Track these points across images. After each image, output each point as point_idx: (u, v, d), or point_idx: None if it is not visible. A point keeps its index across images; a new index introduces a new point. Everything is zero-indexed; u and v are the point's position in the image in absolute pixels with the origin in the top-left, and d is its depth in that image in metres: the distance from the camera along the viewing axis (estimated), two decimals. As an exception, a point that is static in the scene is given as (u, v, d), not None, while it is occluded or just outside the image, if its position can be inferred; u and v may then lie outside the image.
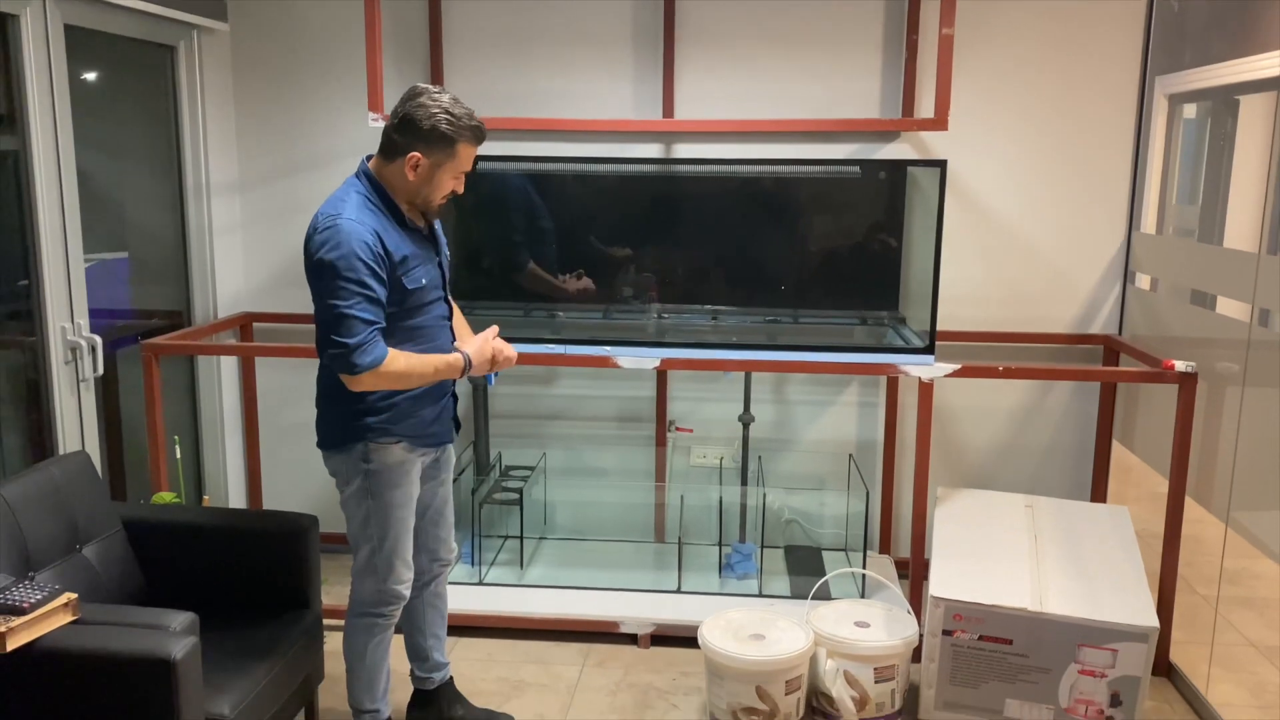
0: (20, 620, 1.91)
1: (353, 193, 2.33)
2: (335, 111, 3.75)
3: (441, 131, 2.28)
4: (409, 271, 2.34)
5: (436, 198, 2.39)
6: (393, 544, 2.49)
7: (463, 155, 2.34)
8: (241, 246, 3.87)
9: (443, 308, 2.51)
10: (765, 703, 2.77)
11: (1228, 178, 3.40)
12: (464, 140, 2.32)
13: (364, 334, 2.22)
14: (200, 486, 3.82)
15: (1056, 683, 2.78)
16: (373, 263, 2.24)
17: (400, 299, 2.35)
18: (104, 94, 3.38)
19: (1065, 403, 3.75)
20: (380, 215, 2.32)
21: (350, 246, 2.21)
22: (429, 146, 2.30)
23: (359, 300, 2.22)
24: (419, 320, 2.41)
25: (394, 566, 2.51)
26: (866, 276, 3.45)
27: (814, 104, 3.61)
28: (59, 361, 2.93)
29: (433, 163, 2.32)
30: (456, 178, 2.38)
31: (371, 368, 2.23)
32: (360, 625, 2.56)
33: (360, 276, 2.22)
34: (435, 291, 2.46)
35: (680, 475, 3.88)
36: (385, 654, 2.60)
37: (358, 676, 2.59)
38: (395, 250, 2.31)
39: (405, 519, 2.50)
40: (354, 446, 2.41)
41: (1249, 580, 3.20)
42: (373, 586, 2.52)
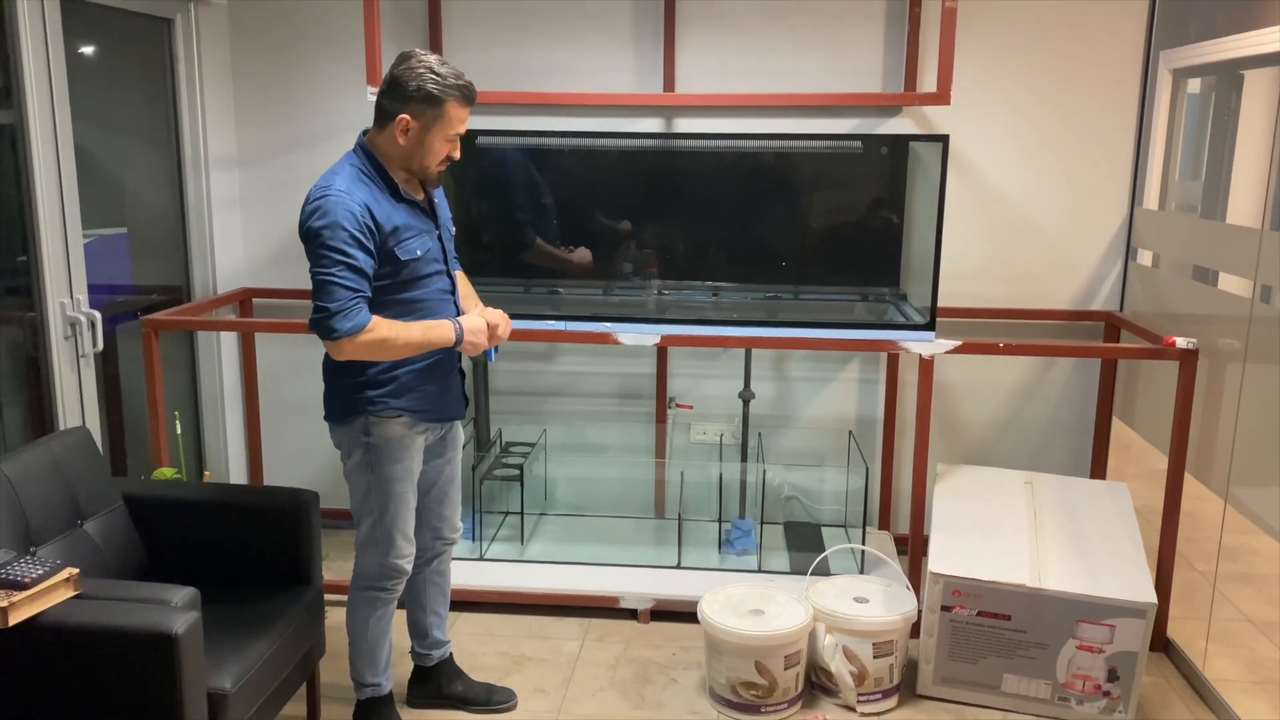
0: (22, 595, 1.92)
1: (346, 166, 2.34)
2: (334, 85, 3.72)
3: (428, 91, 2.27)
4: (402, 242, 2.33)
5: (431, 163, 2.36)
6: (392, 518, 2.49)
7: (452, 116, 2.31)
8: (240, 221, 3.85)
9: (444, 281, 2.49)
10: (764, 677, 2.78)
11: (1231, 153, 3.39)
12: (452, 100, 2.29)
13: (344, 300, 2.22)
14: (201, 462, 3.83)
15: (1054, 658, 2.79)
16: (358, 233, 2.23)
17: (394, 270, 2.34)
18: (101, 68, 3.35)
19: (1065, 379, 3.75)
20: (372, 187, 2.32)
21: (335, 216, 2.22)
22: (417, 108, 2.28)
23: (341, 268, 2.22)
24: (417, 294, 2.40)
25: (394, 541, 2.51)
26: (867, 253, 3.44)
27: (815, 78, 3.58)
28: (58, 337, 2.93)
29: (422, 125, 2.30)
30: (450, 141, 2.35)
31: (350, 334, 2.23)
32: (362, 599, 2.57)
33: (343, 245, 2.22)
34: (434, 264, 2.44)
35: (680, 452, 3.89)
36: (387, 628, 2.61)
37: (359, 650, 2.60)
38: (386, 221, 2.30)
39: (405, 494, 2.50)
40: (355, 419, 2.41)
41: (1247, 556, 3.21)
42: (374, 560, 2.53)
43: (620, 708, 2.86)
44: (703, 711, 2.85)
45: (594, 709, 2.85)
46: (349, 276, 2.23)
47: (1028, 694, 2.83)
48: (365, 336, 2.24)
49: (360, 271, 2.25)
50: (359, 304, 2.24)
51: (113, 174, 3.41)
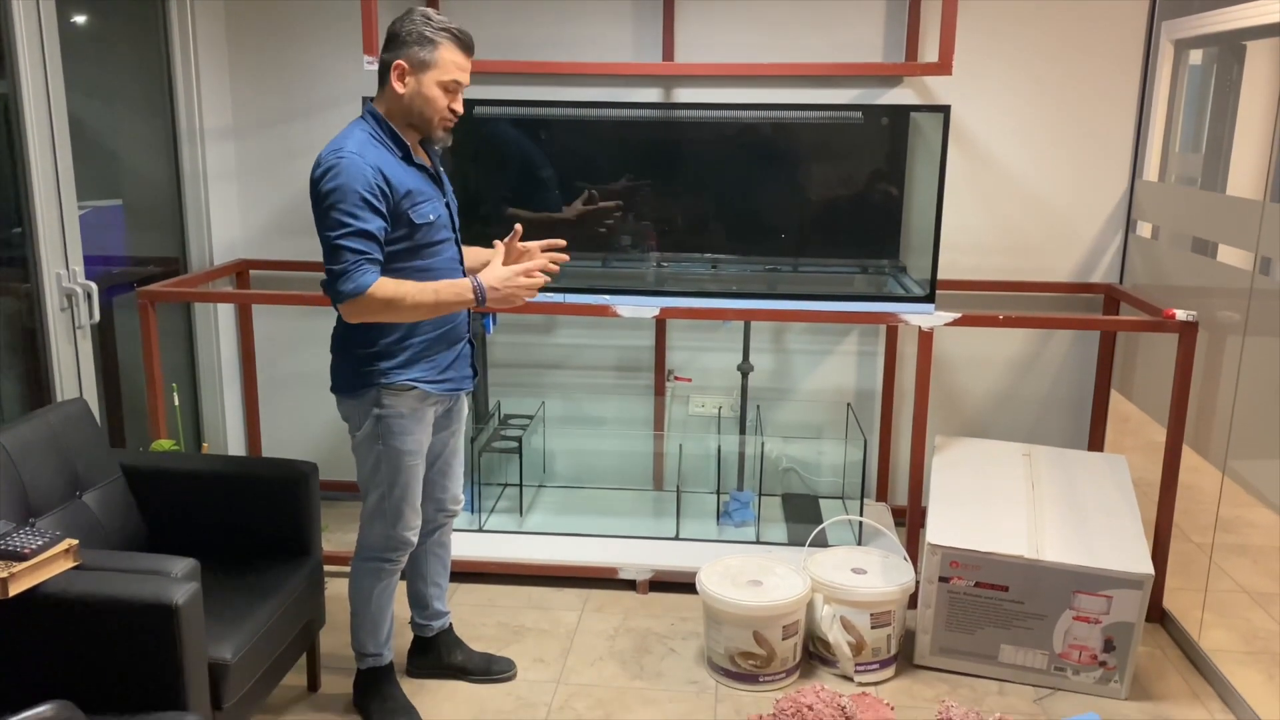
0: (22, 566, 1.92)
1: (357, 130, 2.32)
2: (330, 54, 3.69)
3: (421, 33, 2.27)
4: (416, 206, 2.32)
5: (432, 114, 2.33)
6: (402, 491, 2.48)
7: (446, 59, 2.29)
8: (237, 193, 3.83)
9: (454, 250, 2.47)
10: (762, 647, 2.79)
11: (1232, 125, 3.37)
12: (446, 43, 2.28)
13: (349, 261, 2.21)
14: (199, 434, 3.82)
15: (1051, 629, 2.80)
16: (370, 195, 2.22)
17: (409, 233, 2.32)
18: (95, 38, 3.32)
19: (1065, 352, 3.75)
20: (384, 150, 2.31)
21: (346, 179, 2.21)
22: (411, 52, 2.28)
23: (349, 231, 2.21)
24: (429, 261, 2.38)
25: (403, 513, 2.51)
26: (867, 225, 3.42)
27: (816, 48, 3.55)
28: (55, 309, 2.91)
29: (417, 69, 2.28)
30: (448, 90, 2.32)
31: (354, 295, 2.21)
32: (366, 570, 2.57)
33: (352, 209, 2.21)
34: (445, 231, 2.43)
35: (679, 424, 3.89)
36: (390, 599, 2.62)
37: (362, 621, 2.61)
38: (399, 184, 2.28)
39: (415, 466, 2.49)
40: (367, 392, 2.40)
41: (1243, 528, 3.22)
42: (381, 532, 2.53)
43: (619, 677, 2.87)
44: (701, 681, 2.87)
45: (593, 678, 2.87)
46: (357, 240, 2.21)
47: (1024, 664, 2.85)
48: (372, 297, 2.22)
49: (369, 235, 2.23)
50: (364, 265, 2.22)
51: (107, 145, 3.38)
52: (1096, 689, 2.81)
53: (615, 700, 2.77)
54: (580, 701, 2.76)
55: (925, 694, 2.83)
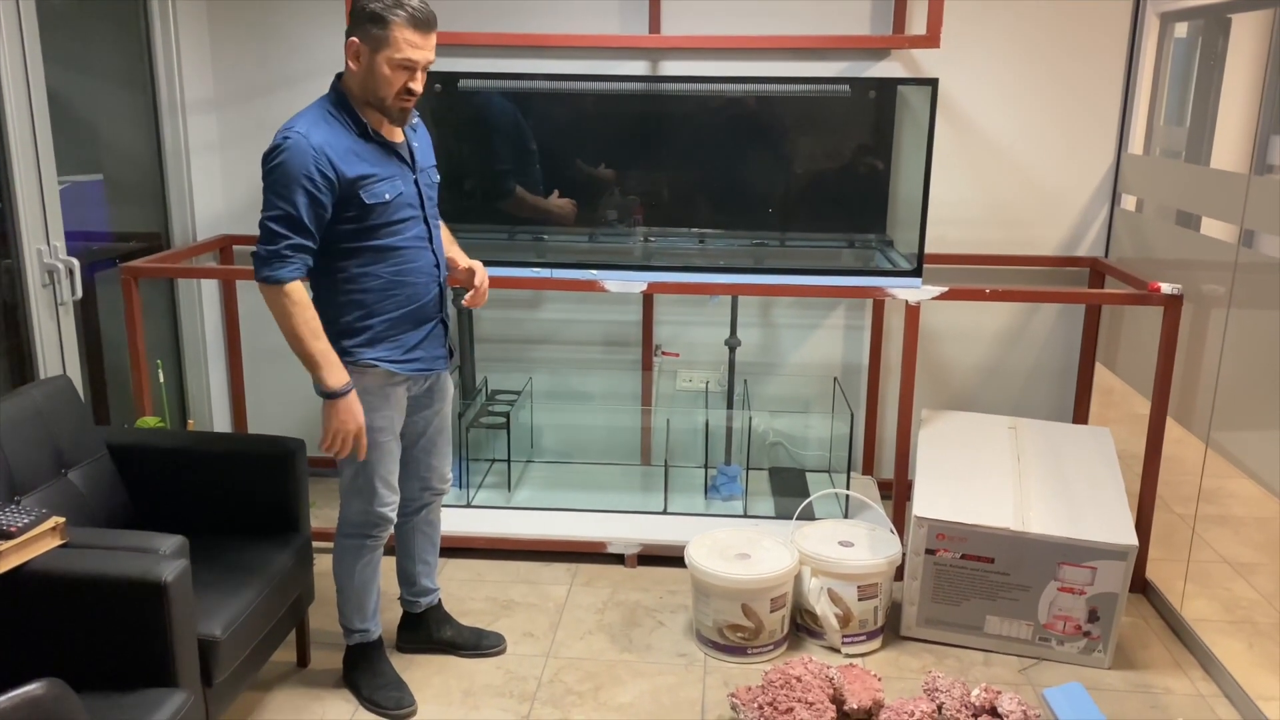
0: (8, 544, 1.90)
1: (315, 105, 2.30)
2: (313, 25, 3.64)
3: (372, 11, 2.21)
4: (368, 186, 2.28)
5: (386, 93, 2.26)
6: (374, 467, 2.48)
7: (398, 38, 2.21)
8: (219, 166, 3.79)
9: (420, 228, 2.42)
10: (750, 620, 2.81)
11: (1217, 98, 3.37)
12: (398, 21, 2.20)
13: (272, 245, 2.22)
14: (184, 410, 3.80)
15: (1036, 600, 2.83)
16: (305, 180, 2.20)
17: (360, 214, 2.29)
18: (73, 9, 3.26)
19: (1050, 325, 3.76)
20: (336, 126, 2.28)
21: (284, 161, 2.20)
22: (364, 30, 2.23)
23: (278, 214, 2.22)
24: (389, 240, 2.35)
25: (377, 490, 2.50)
26: (854, 198, 3.42)
27: (803, 20, 3.53)
28: (36, 285, 2.88)
29: (370, 49, 2.23)
30: (402, 68, 2.23)
31: (268, 282, 2.23)
32: (348, 546, 2.58)
33: (284, 192, 2.20)
34: (409, 210, 2.38)
35: (666, 399, 3.89)
36: (374, 574, 2.62)
37: (347, 597, 2.61)
38: (345, 164, 2.25)
39: (386, 443, 2.48)
40: None
41: (1224, 499, 3.26)
42: (359, 508, 2.53)
43: (608, 650, 2.89)
44: (690, 654, 2.88)
45: (582, 651, 2.88)
46: (283, 224, 2.22)
47: (1010, 635, 2.88)
48: (278, 294, 2.23)
49: (298, 221, 2.22)
50: (289, 254, 2.22)
51: (87, 119, 3.34)
52: (1080, 659, 2.84)
53: (605, 673, 2.78)
54: (570, 675, 2.77)
55: (912, 665, 2.86)
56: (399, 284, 2.38)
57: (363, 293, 2.36)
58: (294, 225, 2.22)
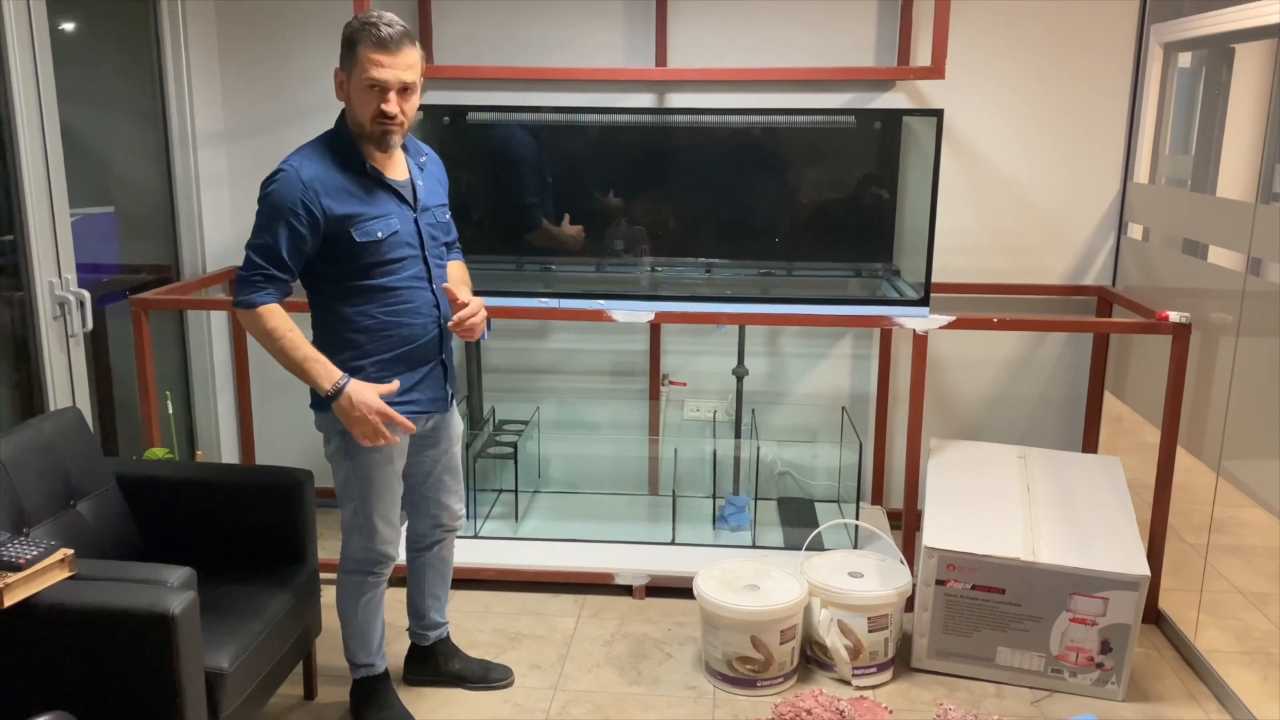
0: (17, 576, 1.90)
1: (316, 140, 2.32)
2: (322, 60, 3.68)
3: (345, 36, 2.23)
4: (358, 224, 2.26)
5: (364, 117, 2.24)
6: (373, 505, 2.45)
7: (363, 59, 2.19)
8: (229, 199, 3.82)
9: (418, 268, 2.37)
10: (760, 652, 2.79)
11: (1221, 127, 3.38)
12: (365, 43, 2.19)
13: (249, 272, 2.24)
14: (193, 442, 3.81)
15: (1048, 631, 2.81)
16: (289, 215, 2.21)
17: (350, 253, 2.27)
18: (86, 44, 3.31)
19: (1058, 354, 3.76)
20: (334, 161, 2.27)
21: (272, 194, 2.23)
22: (342, 58, 2.25)
23: (259, 245, 2.24)
24: (383, 280, 2.31)
25: (376, 528, 2.48)
26: (861, 228, 3.43)
27: (808, 52, 3.56)
28: (47, 317, 2.90)
29: (347, 74, 2.25)
30: (372, 90, 2.20)
31: (241, 306, 2.25)
32: (350, 583, 2.56)
33: (271, 223, 2.22)
34: (406, 249, 2.34)
35: (674, 428, 3.89)
36: (376, 611, 2.60)
37: (351, 632, 2.60)
38: (334, 200, 2.24)
39: (384, 480, 2.44)
40: (330, 407, 2.34)
41: (1236, 528, 3.23)
42: (359, 545, 2.51)
43: (616, 683, 2.87)
44: (699, 686, 2.86)
45: (590, 684, 2.86)
46: (261, 252, 2.23)
47: (1021, 666, 2.86)
48: (255, 316, 2.24)
49: (275, 253, 2.22)
50: (260, 281, 2.23)
51: (99, 152, 3.37)
52: (1093, 691, 2.82)
53: (613, 706, 2.76)
54: (578, 708, 2.75)
55: (923, 697, 2.83)
56: (393, 324, 2.35)
57: (355, 333, 2.33)
58: (271, 257, 2.23)
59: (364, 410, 2.25)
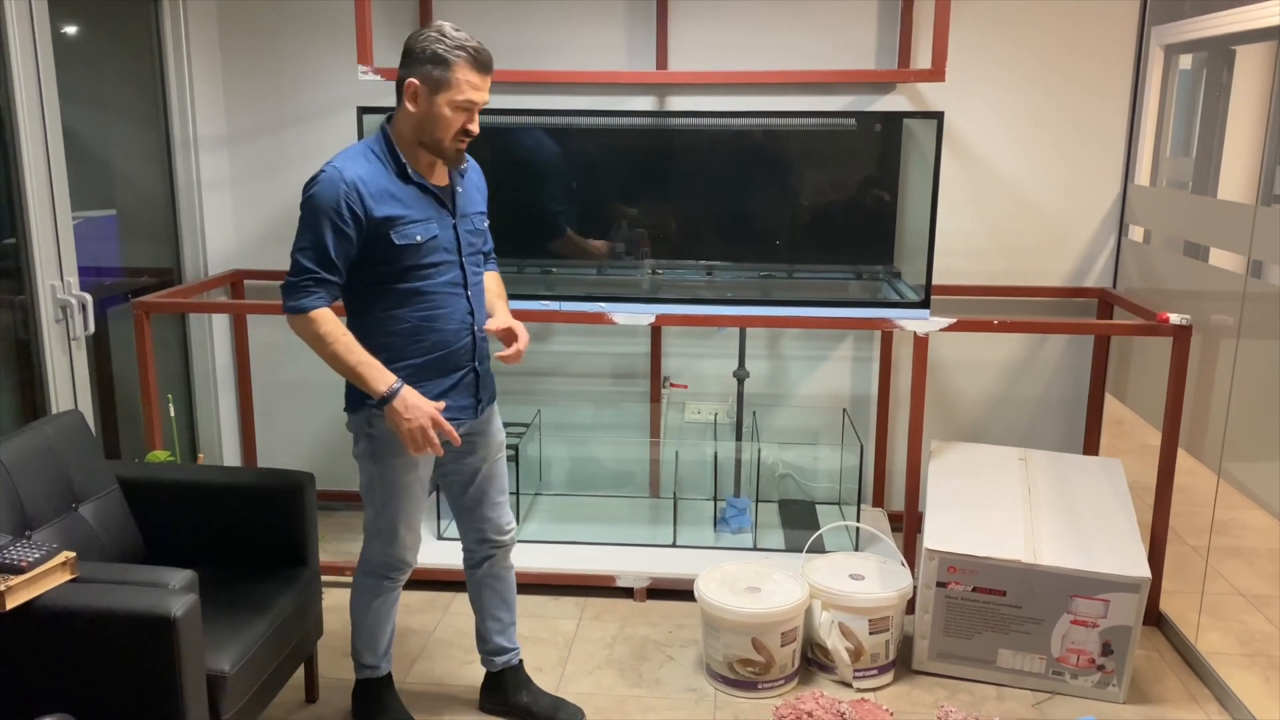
0: (19, 579, 1.91)
1: (360, 143, 2.31)
2: (324, 64, 3.69)
3: (434, 52, 2.19)
4: (399, 227, 2.26)
5: (444, 136, 2.26)
6: (394, 510, 2.44)
7: (460, 80, 2.20)
8: (231, 202, 3.82)
9: (456, 273, 2.36)
10: (761, 654, 2.79)
11: (1223, 129, 3.38)
12: (460, 62, 2.19)
13: (298, 277, 2.22)
14: (194, 445, 3.81)
15: (1049, 633, 2.81)
16: (334, 215, 2.19)
17: (390, 255, 2.27)
18: (88, 47, 3.31)
19: (1059, 356, 3.76)
20: (376, 165, 2.27)
21: (317, 194, 2.21)
22: (424, 71, 2.21)
23: (307, 249, 2.22)
24: (418, 284, 2.31)
25: (396, 533, 2.46)
26: (861, 230, 3.43)
27: (809, 55, 3.56)
28: (49, 320, 2.91)
29: (429, 89, 2.22)
30: (462, 110, 2.23)
31: (293, 312, 2.23)
32: (365, 584, 2.55)
33: (316, 225, 2.20)
34: (442, 254, 2.34)
35: (675, 431, 3.89)
36: (388, 614, 2.58)
37: (359, 632, 2.59)
38: (376, 202, 2.23)
39: (408, 486, 2.43)
40: (360, 410, 2.36)
41: (1238, 530, 3.23)
42: (378, 549, 2.50)
43: (618, 686, 2.87)
44: (700, 689, 2.86)
45: (591, 687, 2.86)
46: (311, 256, 2.21)
47: (1022, 668, 2.86)
48: (307, 320, 2.22)
49: (324, 254, 2.21)
50: (311, 285, 2.22)
51: (101, 155, 3.38)
52: (1094, 693, 2.82)
53: (614, 708, 2.76)
54: (579, 710, 2.75)
55: (924, 699, 2.83)
56: (426, 329, 2.34)
57: (388, 335, 2.32)
58: (319, 259, 2.21)
59: (416, 415, 2.24)
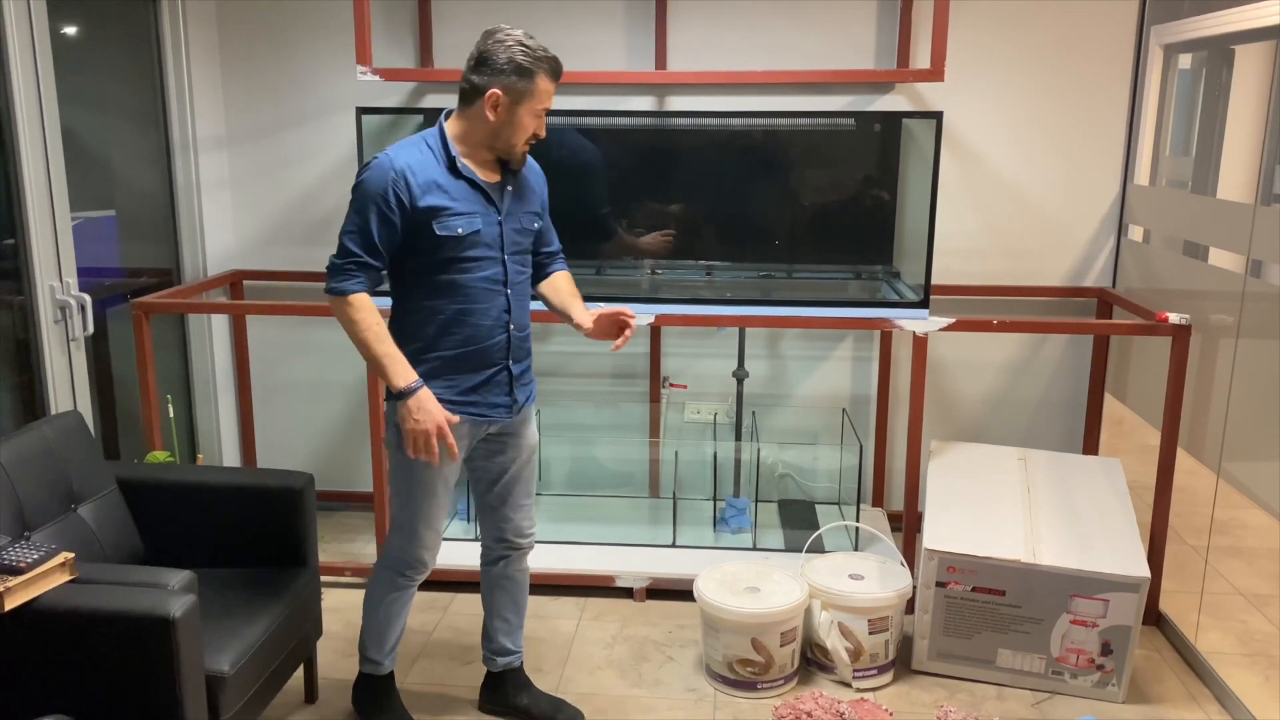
0: (18, 580, 1.91)
1: (416, 135, 2.34)
2: (323, 64, 3.69)
3: (519, 64, 2.24)
4: (441, 218, 2.27)
5: (518, 140, 2.31)
6: (416, 506, 2.42)
7: (541, 89, 2.28)
8: (230, 203, 3.82)
9: (495, 269, 2.36)
10: (760, 654, 2.79)
11: (1222, 128, 3.38)
12: (542, 72, 2.26)
13: (343, 259, 2.26)
14: (194, 445, 3.81)
15: (1048, 633, 2.81)
16: (381, 202, 2.23)
17: (432, 246, 2.28)
18: (87, 48, 3.31)
19: (1058, 356, 3.76)
20: (428, 156, 2.29)
21: (367, 180, 2.26)
22: (509, 83, 2.25)
23: (353, 232, 2.26)
24: (457, 276, 2.32)
25: (417, 531, 2.45)
26: (861, 230, 3.43)
27: (808, 55, 3.56)
28: (48, 321, 2.91)
29: (512, 99, 2.26)
30: (538, 117, 2.31)
31: (333, 293, 2.27)
32: (383, 578, 2.54)
33: (364, 210, 2.24)
34: (484, 250, 2.33)
35: (674, 431, 3.89)
36: (400, 612, 2.57)
37: (369, 626, 2.57)
38: (423, 191, 2.25)
39: (431, 483, 2.41)
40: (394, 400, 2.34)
41: (1237, 530, 3.23)
42: (398, 545, 2.48)
43: (618, 686, 2.87)
44: (700, 689, 2.86)
45: (591, 687, 2.86)
46: (356, 240, 2.25)
47: (1022, 668, 2.86)
48: (345, 304, 2.25)
49: (368, 239, 2.24)
50: (354, 269, 2.25)
51: (100, 156, 3.38)
52: (1094, 692, 2.82)
53: (614, 709, 2.76)
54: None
55: (923, 699, 2.83)
56: (460, 323, 2.34)
57: (423, 325, 2.34)
58: (364, 243, 2.25)
59: (425, 419, 2.25)
